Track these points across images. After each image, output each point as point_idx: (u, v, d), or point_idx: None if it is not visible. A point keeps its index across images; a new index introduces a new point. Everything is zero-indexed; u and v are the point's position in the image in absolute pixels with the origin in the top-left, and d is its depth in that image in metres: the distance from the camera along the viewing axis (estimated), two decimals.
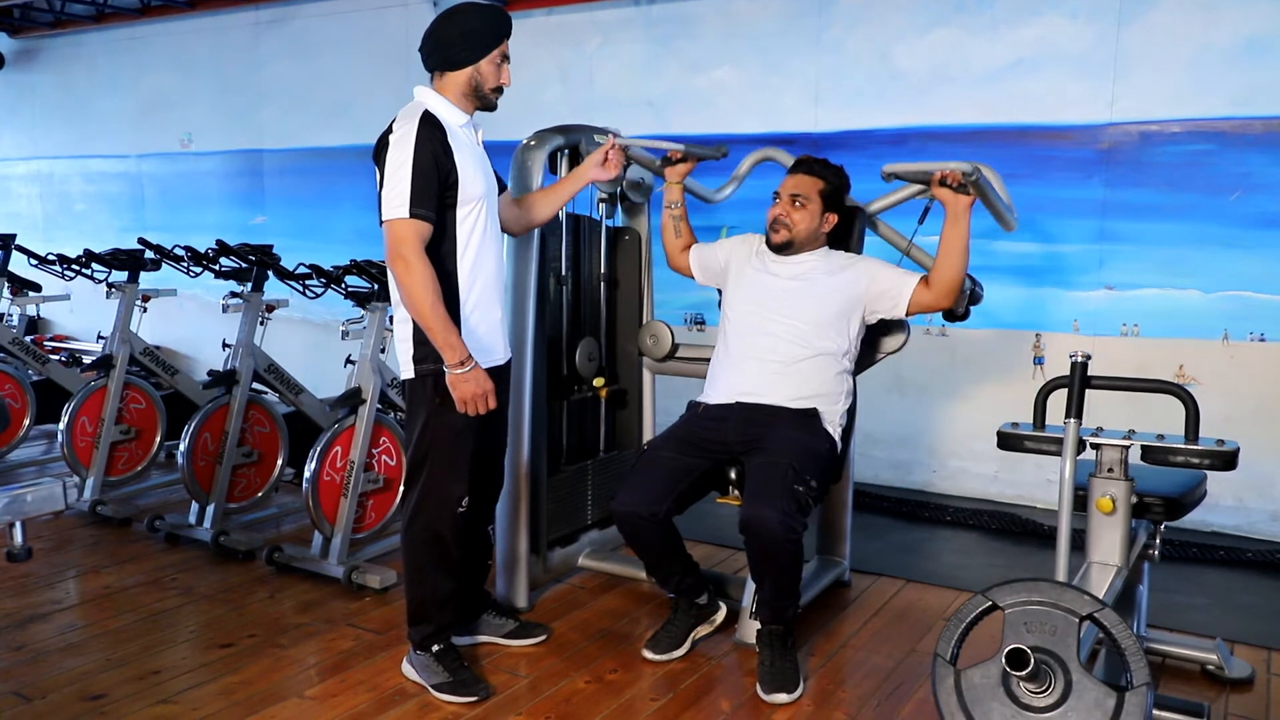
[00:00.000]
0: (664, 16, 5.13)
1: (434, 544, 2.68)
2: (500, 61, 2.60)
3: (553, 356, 3.37)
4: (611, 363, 3.65)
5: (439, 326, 2.46)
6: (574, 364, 3.45)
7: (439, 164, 2.47)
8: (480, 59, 2.57)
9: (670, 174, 3.14)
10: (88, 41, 7.31)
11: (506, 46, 2.62)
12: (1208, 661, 2.85)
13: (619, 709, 2.64)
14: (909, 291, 2.87)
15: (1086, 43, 4.19)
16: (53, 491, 1.94)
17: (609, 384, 3.56)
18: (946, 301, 2.85)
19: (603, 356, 3.58)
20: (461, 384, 2.51)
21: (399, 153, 2.45)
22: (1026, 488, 4.50)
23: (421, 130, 2.46)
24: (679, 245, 3.22)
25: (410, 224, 2.43)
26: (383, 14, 5.97)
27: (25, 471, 4.98)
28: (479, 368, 2.53)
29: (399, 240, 2.43)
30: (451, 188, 2.51)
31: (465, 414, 2.56)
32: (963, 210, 2.72)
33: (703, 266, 3.19)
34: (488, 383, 2.55)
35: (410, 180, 2.42)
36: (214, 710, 2.61)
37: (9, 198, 8.05)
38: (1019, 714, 1.86)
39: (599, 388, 3.51)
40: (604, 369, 3.58)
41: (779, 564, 2.66)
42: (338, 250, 4.34)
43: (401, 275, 2.45)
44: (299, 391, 4.26)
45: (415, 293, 2.44)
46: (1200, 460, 2.38)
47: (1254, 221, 3.97)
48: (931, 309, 2.90)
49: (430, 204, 2.46)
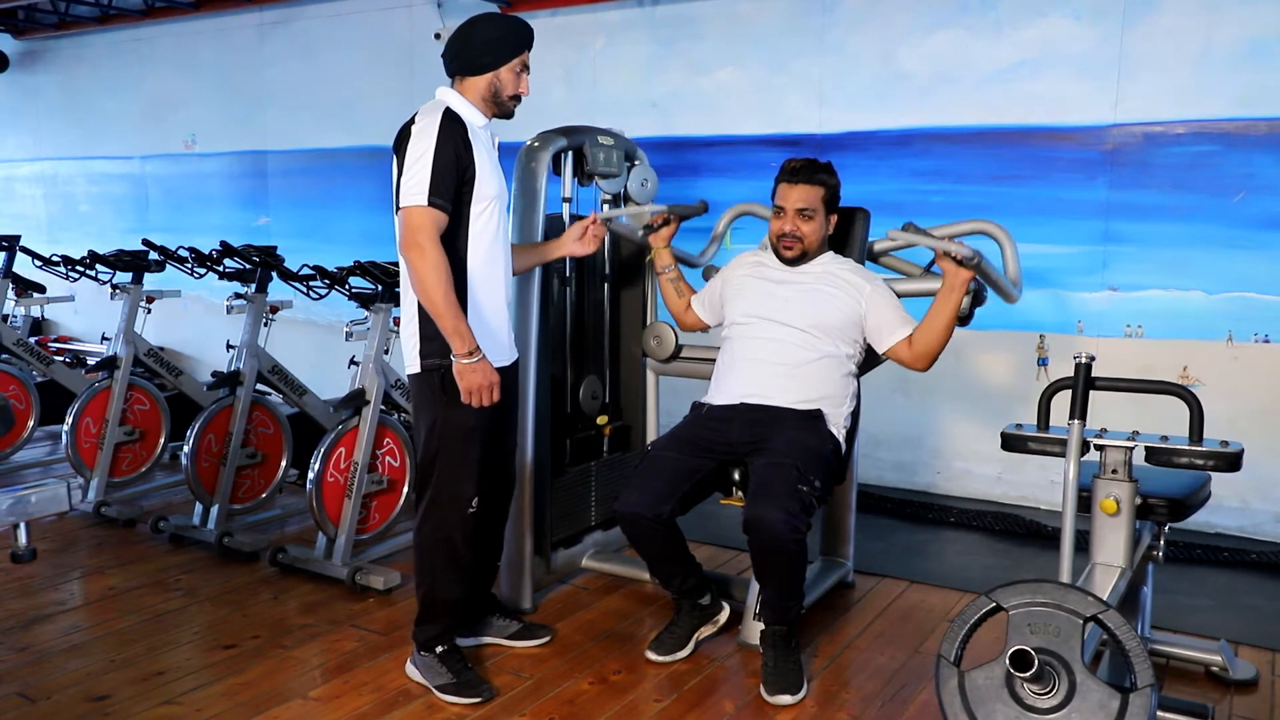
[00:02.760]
0: (668, 18, 5.14)
1: (445, 546, 2.69)
2: (520, 70, 2.64)
3: (557, 394, 3.39)
4: (615, 399, 3.66)
5: (449, 314, 2.47)
6: (578, 402, 3.47)
7: (459, 158, 2.50)
8: (501, 66, 2.60)
9: (655, 240, 3.19)
10: (92, 43, 7.32)
11: (527, 57, 2.66)
12: (1212, 663, 2.84)
13: (622, 710, 2.65)
14: (895, 339, 2.89)
15: (1090, 44, 4.19)
16: (57, 492, 1.94)
17: (612, 421, 3.59)
18: (921, 365, 2.87)
19: (605, 394, 3.59)
20: (468, 373, 2.52)
21: (421, 143, 2.47)
22: (1030, 489, 4.50)
23: (444, 124, 2.49)
24: (683, 305, 3.25)
25: (428, 212, 2.45)
26: (387, 16, 5.97)
27: (29, 472, 4.98)
28: (486, 359, 2.54)
29: (415, 227, 2.45)
30: (469, 184, 2.54)
31: (474, 412, 2.57)
32: (960, 284, 2.72)
33: (707, 309, 3.22)
34: (493, 374, 2.56)
35: (430, 170, 2.45)
36: (218, 711, 2.62)
37: (13, 199, 8.07)
38: (1023, 715, 1.85)
39: (602, 426, 3.55)
40: (607, 407, 3.60)
41: (782, 564, 2.66)
42: (342, 251, 4.34)
43: (416, 261, 2.46)
44: (303, 392, 4.27)
45: (429, 279, 2.45)
46: (1204, 462, 2.38)
47: (1258, 223, 3.97)
48: (905, 365, 2.92)
49: (448, 195, 2.48)
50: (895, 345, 2.89)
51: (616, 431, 3.64)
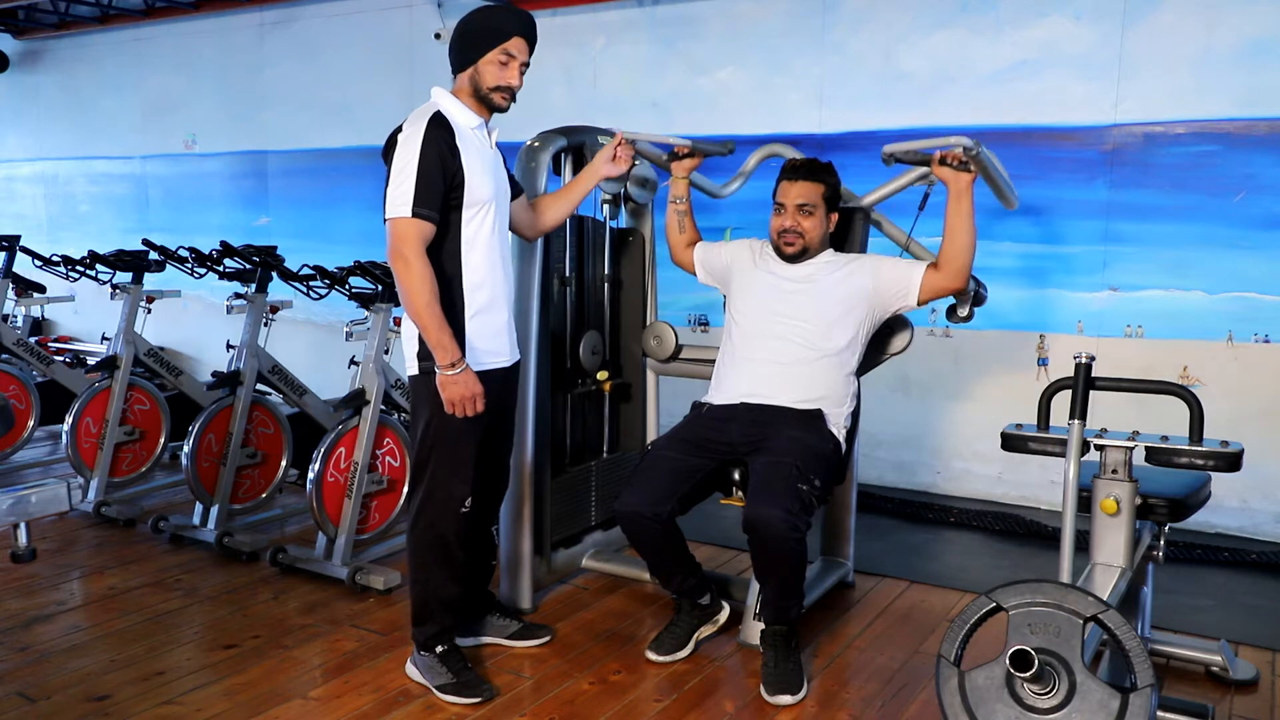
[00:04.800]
0: (668, 17, 5.14)
1: (438, 545, 2.68)
2: (503, 61, 2.56)
3: (556, 350, 3.37)
4: (615, 357, 3.65)
5: (433, 326, 2.47)
6: (577, 357, 3.45)
7: (445, 165, 2.47)
8: (478, 59, 2.57)
9: (677, 169, 3.15)
10: (92, 43, 7.32)
11: (516, 46, 2.57)
12: (1212, 663, 2.84)
13: (622, 710, 2.64)
14: (919, 277, 2.87)
15: (1091, 44, 4.19)
16: (57, 493, 1.94)
17: (612, 378, 3.56)
18: (959, 281, 2.83)
19: (606, 351, 3.58)
20: (450, 385, 2.52)
21: (405, 152, 2.46)
22: (1030, 489, 4.50)
23: (429, 131, 2.47)
24: (683, 241, 3.22)
25: (412, 223, 2.44)
26: (387, 15, 5.97)
27: (30, 472, 4.98)
28: (469, 370, 2.54)
29: (400, 239, 2.45)
30: (457, 189, 2.52)
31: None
32: (965, 187, 2.72)
33: (705, 264, 3.19)
34: (477, 386, 2.55)
35: (415, 180, 2.43)
36: (218, 711, 2.62)
37: (14, 199, 8.07)
38: (1023, 715, 1.85)
39: (602, 381, 3.51)
40: (607, 363, 3.58)
41: (782, 563, 2.66)
42: (342, 251, 4.34)
43: (401, 273, 2.46)
44: (303, 392, 4.27)
45: (412, 291, 2.45)
46: (1204, 462, 2.38)
47: (1258, 223, 3.97)
48: (944, 291, 2.88)
49: (434, 204, 2.46)
50: (924, 280, 2.85)
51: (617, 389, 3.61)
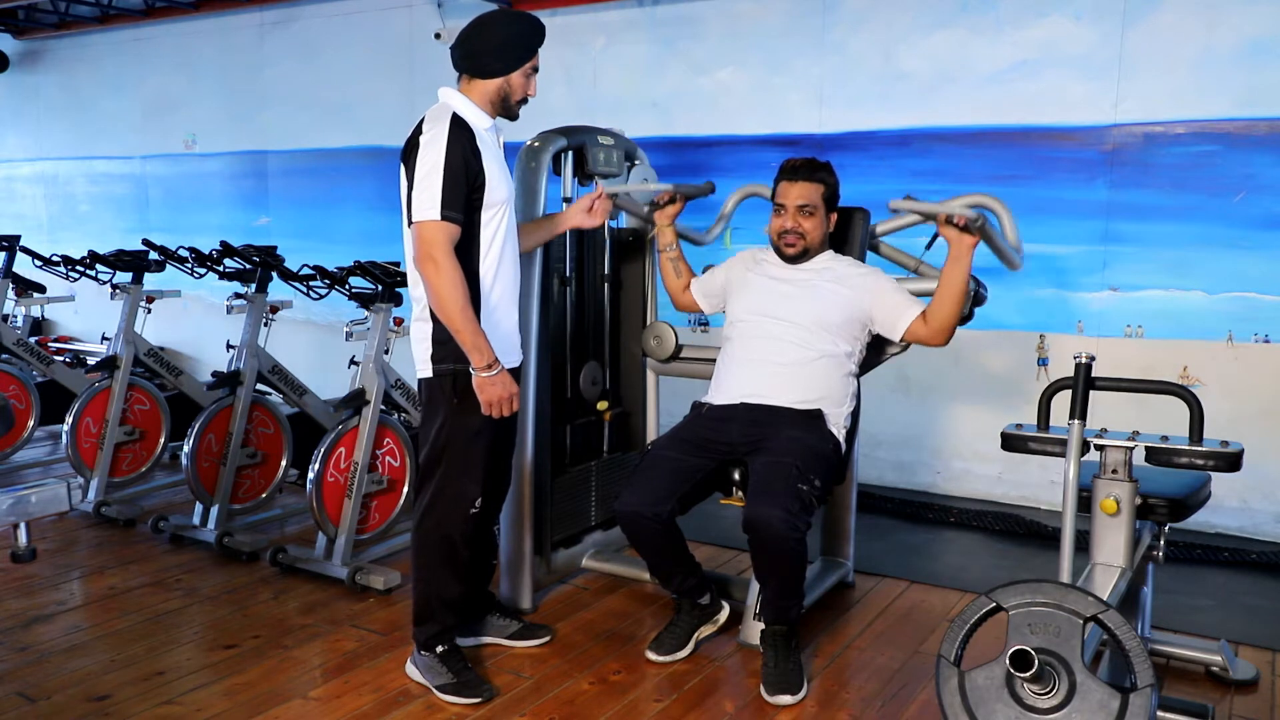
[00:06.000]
0: (668, 17, 5.14)
1: (444, 544, 2.69)
2: (531, 74, 2.61)
3: (557, 381, 3.38)
4: (615, 384, 3.66)
5: (468, 330, 2.46)
6: (578, 388, 3.46)
7: (469, 167, 2.47)
8: (513, 71, 2.57)
9: (660, 218, 3.18)
10: (92, 43, 7.32)
11: (538, 59, 2.62)
12: (1212, 663, 2.84)
13: (622, 710, 2.65)
14: (908, 320, 2.88)
15: (1091, 44, 4.19)
16: (57, 492, 1.94)
17: (612, 407, 3.58)
18: (940, 339, 2.86)
19: (606, 379, 3.59)
20: (489, 387, 2.52)
21: (430, 154, 2.45)
22: (1030, 489, 4.50)
23: (452, 132, 2.46)
24: (680, 285, 3.26)
25: (441, 226, 2.43)
26: (387, 16, 5.97)
27: (30, 472, 4.98)
28: (505, 371, 2.55)
29: (429, 242, 2.43)
30: (479, 190, 2.52)
31: (484, 415, 2.57)
32: (965, 250, 2.72)
33: (705, 294, 3.22)
34: (514, 385, 2.57)
35: (442, 182, 2.42)
36: (218, 711, 2.62)
37: (14, 199, 8.07)
38: (1023, 715, 1.85)
39: (603, 411, 3.54)
40: (607, 393, 3.59)
41: (782, 563, 2.66)
42: (342, 251, 4.34)
43: (431, 277, 2.44)
44: (303, 392, 4.27)
45: (445, 295, 2.44)
46: (1204, 462, 2.37)
47: (1258, 223, 3.97)
48: (925, 344, 2.92)
49: (460, 206, 2.46)
50: (910, 326, 2.87)
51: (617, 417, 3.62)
